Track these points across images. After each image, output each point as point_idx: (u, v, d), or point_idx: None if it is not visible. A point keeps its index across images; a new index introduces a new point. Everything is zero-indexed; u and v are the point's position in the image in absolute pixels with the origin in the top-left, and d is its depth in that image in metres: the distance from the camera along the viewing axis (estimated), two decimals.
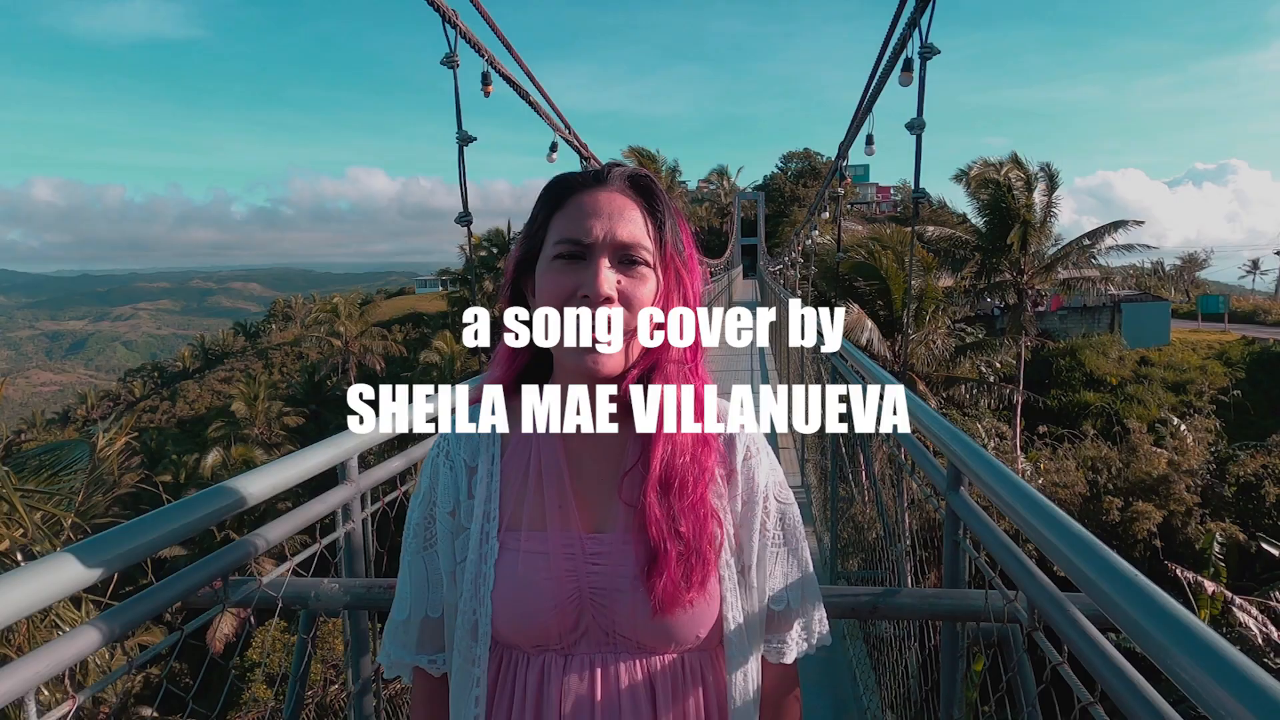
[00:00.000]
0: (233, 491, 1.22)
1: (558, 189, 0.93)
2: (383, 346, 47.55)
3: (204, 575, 1.22)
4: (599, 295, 0.86)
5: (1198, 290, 54.32)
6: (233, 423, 36.83)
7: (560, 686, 0.90)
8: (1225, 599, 12.43)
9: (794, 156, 66.71)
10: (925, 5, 3.35)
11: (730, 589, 0.93)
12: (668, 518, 0.88)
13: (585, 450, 0.96)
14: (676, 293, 0.93)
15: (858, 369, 3.27)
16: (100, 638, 1.02)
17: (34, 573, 0.92)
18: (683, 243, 0.95)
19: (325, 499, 1.62)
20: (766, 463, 0.99)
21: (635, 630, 0.90)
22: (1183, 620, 0.66)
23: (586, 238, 0.88)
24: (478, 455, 0.98)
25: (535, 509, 0.94)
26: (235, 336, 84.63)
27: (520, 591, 0.91)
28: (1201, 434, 18.65)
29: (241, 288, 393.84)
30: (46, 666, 0.96)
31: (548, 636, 0.91)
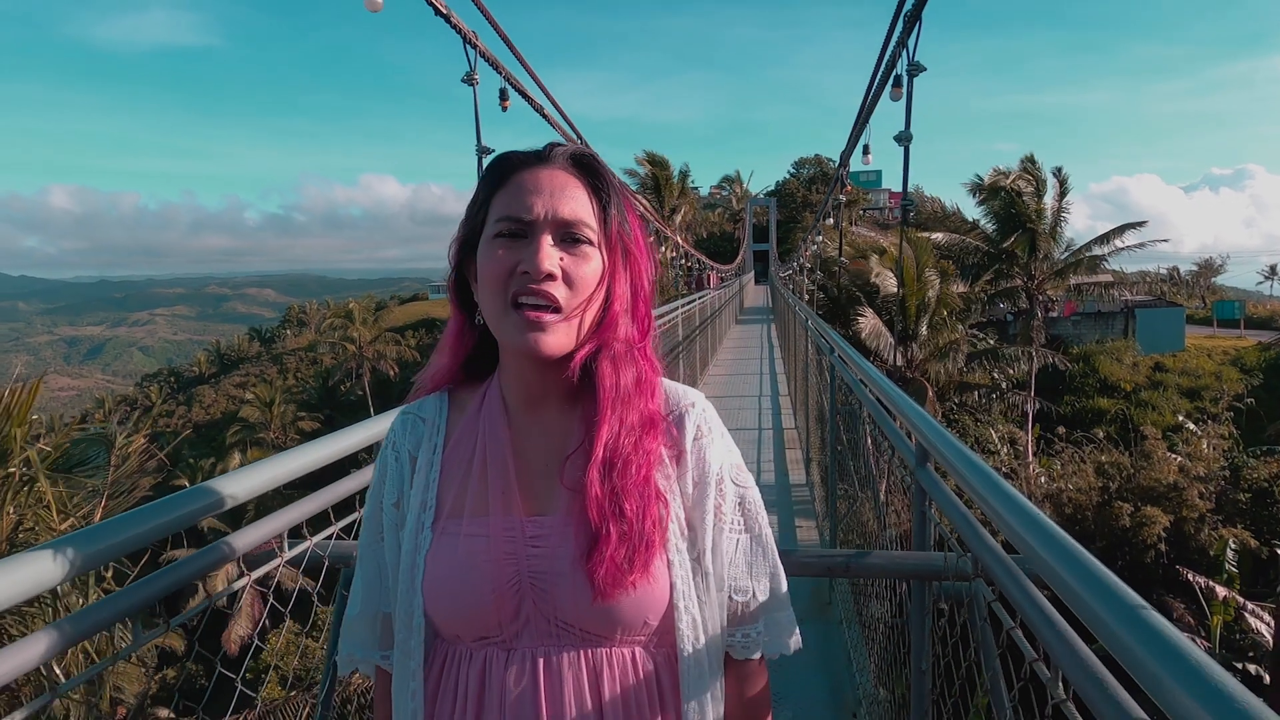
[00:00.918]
0: (281, 463, 1.37)
1: (499, 167, 0.91)
2: (396, 352, 47.83)
3: (266, 531, 1.38)
4: (540, 272, 0.84)
5: (1214, 296, 53.91)
6: (248, 427, 37.20)
7: (501, 682, 0.86)
8: (1238, 605, 12.40)
9: (806, 162, 66.71)
10: (912, 27, 3.52)
11: (681, 576, 0.88)
12: (610, 498, 0.85)
13: (530, 435, 0.93)
14: (623, 273, 0.91)
15: (850, 366, 3.53)
16: (176, 582, 1.17)
17: (126, 521, 1.06)
18: (629, 223, 0.93)
19: (366, 472, 1.74)
20: (720, 444, 0.94)
21: (579, 617, 0.86)
22: (1094, 570, 0.78)
23: (527, 215, 0.86)
24: (420, 446, 0.96)
25: (478, 495, 0.91)
26: (250, 342, 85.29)
27: (457, 577, 0.87)
28: (1215, 440, 18.55)
29: (256, 293, 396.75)
30: (132, 603, 1.10)
31: (488, 625, 0.87)
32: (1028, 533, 0.90)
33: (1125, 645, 0.67)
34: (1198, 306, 47.16)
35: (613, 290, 0.90)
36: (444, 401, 0.99)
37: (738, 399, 12.09)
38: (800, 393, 9.00)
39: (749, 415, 10.74)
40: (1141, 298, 33.34)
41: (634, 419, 0.88)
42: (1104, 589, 0.74)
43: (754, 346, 18.90)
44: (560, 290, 0.85)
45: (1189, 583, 12.73)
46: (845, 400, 4.00)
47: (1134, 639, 0.67)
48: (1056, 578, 0.84)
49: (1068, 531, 0.80)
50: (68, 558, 0.94)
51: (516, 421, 0.94)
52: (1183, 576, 12.99)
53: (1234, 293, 67.53)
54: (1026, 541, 0.90)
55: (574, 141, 4.67)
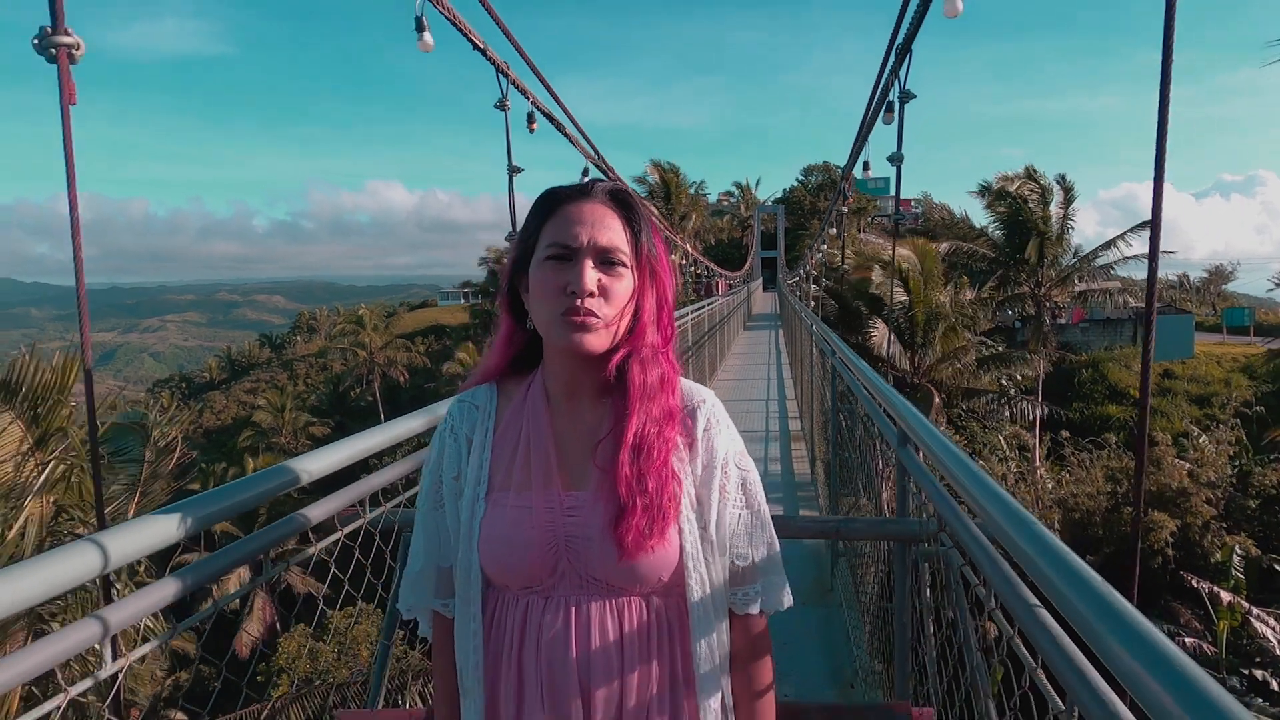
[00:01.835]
0: (353, 443, 1.59)
1: (548, 201, 1.09)
2: (406, 358, 48.13)
3: (349, 498, 1.63)
4: (584, 290, 1.01)
5: (1224, 303, 53.72)
6: (260, 433, 37.48)
7: (540, 624, 1.05)
8: (1244, 610, 12.44)
9: (814, 169, 66.77)
10: (903, 59, 3.76)
11: (691, 540, 1.06)
12: (636, 477, 1.02)
13: (567, 423, 1.11)
14: (650, 290, 1.09)
15: (849, 365, 3.82)
16: (247, 555, 1.34)
17: (220, 494, 1.23)
18: (656, 249, 1.11)
19: (416, 456, 2.02)
20: (726, 434, 1.13)
21: (605, 573, 1.04)
22: (1036, 530, 0.94)
23: (573, 242, 1.03)
24: (474, 428, 1.14)
25: (524, 472, 1.09)
26: (261, 348, 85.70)
27: (506, 539, 1.05)
28: (1223, 446, 18.56)
29: (266, 300, 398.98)
30: (212, 571, 1.26)
31: (530, 578, 1.06)
32: (985, 500, 1.08)
33: (1052, 584, 0.84)
34: (1207, 313, 47.05)
35: (641, 304, 1.08)
36: (494, 391, 1.17)
37: (746, 402, 12.24)
38: (806, 395, 9.17)
39: (757, 418, 10.90)
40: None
41: (657, 412, 1.06)
42: (1042, 544, 0.91)
43: (762, 352, 19.04)
44: (599, 304, 1.03)
45: (1193, 588, 12.78)
46: (845, 396, 4.30)
47: (1061, 581, 0.83)
48: (1006, 537, 1.01)
49: (1075, 538, 0.95)
50: (184, 520, 1.18)
51: (556, 411, 1.12)
52: (1187, 582, 13.04)
53: (1245, 299, 67.19)
54: (983, 507, 1.08)
55: (591, 156, 4.92)
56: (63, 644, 1.03)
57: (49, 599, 1.03)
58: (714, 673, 1.08)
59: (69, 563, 1.02)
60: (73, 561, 1.02)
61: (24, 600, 0.96)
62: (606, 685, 1.03)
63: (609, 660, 1.04)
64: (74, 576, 1.02)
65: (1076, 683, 0.91)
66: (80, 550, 1.04)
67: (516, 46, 3.87)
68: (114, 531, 1.10)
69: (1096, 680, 0.88)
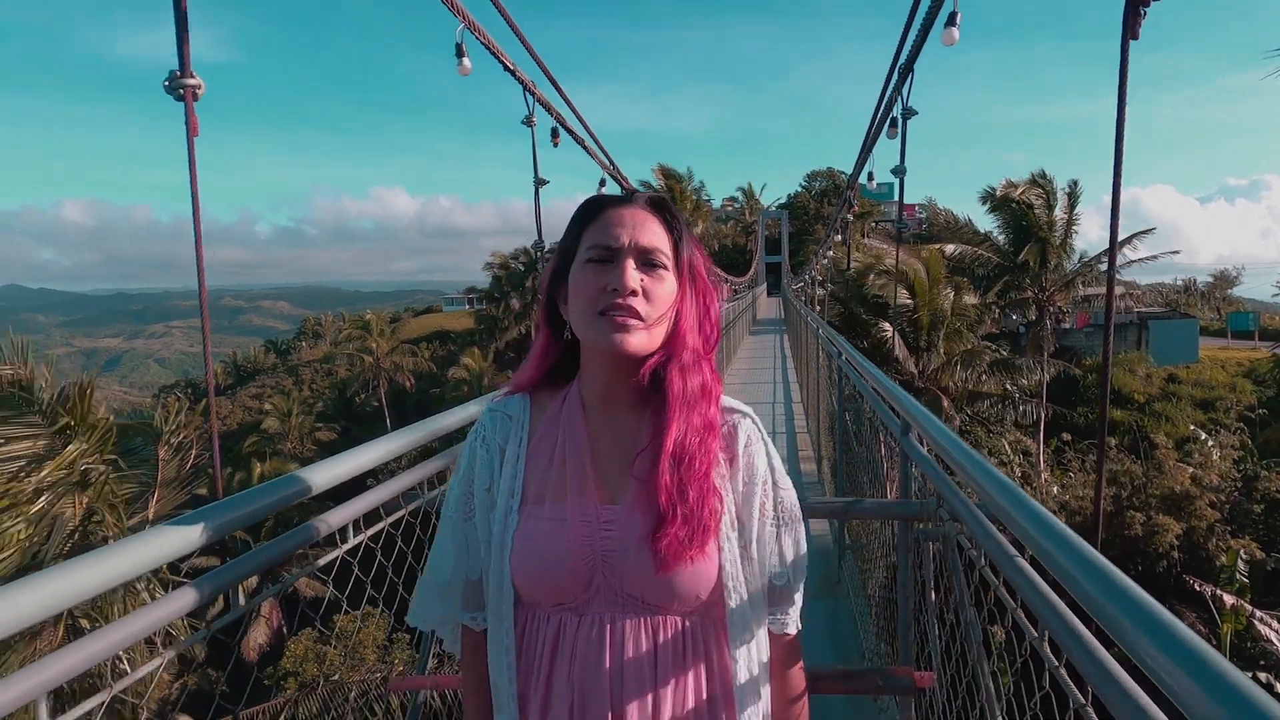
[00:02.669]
0: (397, 437, 1.69)
1: (590, 207, 1.09)
2: (412, 363, 48.25)
3: (415, 478, 1.78)
4: (625, 289, 1.00)
5: (1230, 308, 53.67)
6: (267, 438, 37.62)
7: (573, 641, 1.02)
8: (1248, 613, 12.48)
9: (817, 175, 66.80)
10: (905, 77, 3.94)
11: (731, 559, 1.03)
12: (676, 487, 0.99)
13: (604, 433, 1.08)
14: (691, 296, 1.07)
15: (855, 365, 4.00)
16: (284, 553, 1.42)
17: (282, 484, 1.33)
18: (696, 253, 1.10)
19: (455, 449, 2.12)
20: (765, 451, 1.11)
21: (641, 589, 1.01)
22: (1033, 509, 1.05)
23: (615, 243, 1.02)
24: (508, 439, 1.11)
25: (559, 484, 1.06)
26: (266, 354, 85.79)
27: (540, 553, 1.02)
28: (1228, 450, 18.60)
29: (271, 306, 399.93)
30: (247, 569, 1.34)
31: (564, 594, 1.02)
32: (979, 475, 1.20)
33: (1040, 546, 0.95)
34: (1212, 318, 47.02)
35: (681, 310, 1.06)
36: (527, 402, 1.15)
37: (752, 404, 12.28)
38: (812, 398, 9.28)
39: (764, 420, 10.95)
40: (1154, 309, 33.34)
41: (698, 421, 1.03)
42: (1038, 520, 1.03)
43: (767, 356, 19.11)
44: (641, 304, 1.01)
45: (1196, 591, 12.83)
46: (851, 395, 4.46)
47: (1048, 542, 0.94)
48: (1004, 513, 1.12)
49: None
50: (204, 528, 1.16)
51: (593, 421, 1.09)
52: (1190, 585, 13.09)
53: (1250, 304, 67.12)
54: (977, 481, 1.19)
55: (607, 166, 5.13)
56: (104, 642, 1.03)
57: (90, 597, 1.01)
58: (753, 694, 1.06)
59: (123, 558, 1.03)
60: (114, 561, 1.02)
61: (82, 594, 0.97)
62: (640, 707, 1.00)
63: (643, 681, 1.01)
64: (119, 575, 1.02)
65: (1069, 640, 1.01)
66: (120, 551, 1.04)
67: (542, 67, 4.06)
68: (156, 532, 1.10)
69: (1087, 637, 0.99)
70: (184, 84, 1.93)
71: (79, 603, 0.99)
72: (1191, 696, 0.64)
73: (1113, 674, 0.89)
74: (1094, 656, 0.95)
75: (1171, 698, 0.67)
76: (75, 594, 0.95)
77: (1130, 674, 0.86)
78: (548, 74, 4.15)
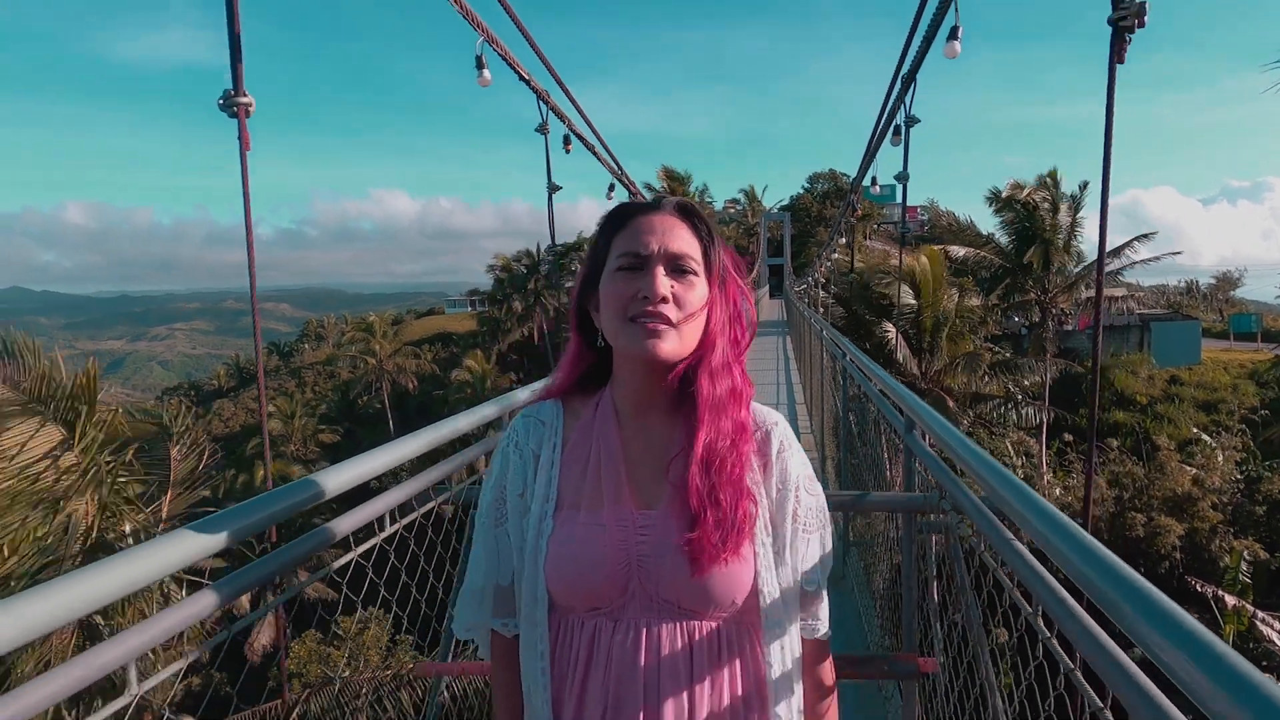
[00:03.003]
0: (431, 431, 1.79)
1: (619, 215, 1.09)
2: (415, 365, 48.34)
3: (443, 471, 1.88)
4: (656, 295, 1.01)
5: (1232, 309, 53.59)
6: (270, 440, 37.71)
7: (608, 647, 1.02)
8: (1250, 614, 12.50)
9: (820, 177, 66.85)
10: (908, 87, 4.05)
11: (765, 565, 1.04)
12: (708, 490, 1.00)
13: (638, 439, 1.09)
14: (721, 301, 1.07)
15: (860, 366, 4.10)
16: (384, 506, 1.53)
17: (300, 485, 1.38)
18: (726, 257, 1.10)
19: (495, 438, 2.28)
20: (797, 457, 1.12)
21: (677, 594, 1.01)
22: (1033, 499, 1.12)
23: (644, 250, 1.03)
24: (543, 444, 1.12)
25: (594, 490, 1.06)
26: (269, 356, 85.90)
27: (575, 560, 1.03)
28: (1230, 452, 18.63)
29: (273, 308, 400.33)
30: (284, 563, 1.38)
31: (599, 600, 1.02)
32: (978, 466, 1.26)
33: (1037, 531, 1.02)
34: (1215, 319, 46.99)
35: (711, 314, 1.07)
36: (560, 408, 1.16)
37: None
38: (816, 398, 9.35)
39: None
40: (1157, 311, 33.34)
41: (728, 425, 1.04)
42: (1038, 509, 1.09)
43: (770, 358, 19.15)
44: (672, 310, 1.02)
45: (1198, 592, 12.86)
46: (856, 395, 4.59)
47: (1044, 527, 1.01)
48: (1006, 504, 1.18)
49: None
50: (220, 533, 1.15)
51: (626, 427, 1.10)
52: (1192, 586, 13.11)
53: (1253, 306, 67.00)
54: (978, 473, 1.25)
55: (615, 171, 5.25)
56: (143, 637, 1.05)
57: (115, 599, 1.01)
58: (786, 694, 1.06)
59: (155, 557, 1.04)
60: (140, 563, 1.03)
61: (106, 597, 0.98)
62: (675, 710, 1.00)
63: (678, 684, 1.01)
64: (144, 576, 1.03)
65: (1065, 618, 1.06)
66: (148, 552, 1.05)
67: (556, 78, 4.18)
68: (176, 536, 1.11)
69: (1084, 618, 1.05)
70: (237, 102, 2.15)
71: (111, 602, 1.01)
72: (1181, 667, 0.70)
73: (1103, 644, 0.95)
74: (1084, 627, 1.01)
75: (1166, 672, 0.72)
76: (106, 595, 0.97)
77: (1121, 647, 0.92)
78: (561, 84, 4.26)
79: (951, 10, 3.81)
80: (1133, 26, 2.41)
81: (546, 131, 4.23)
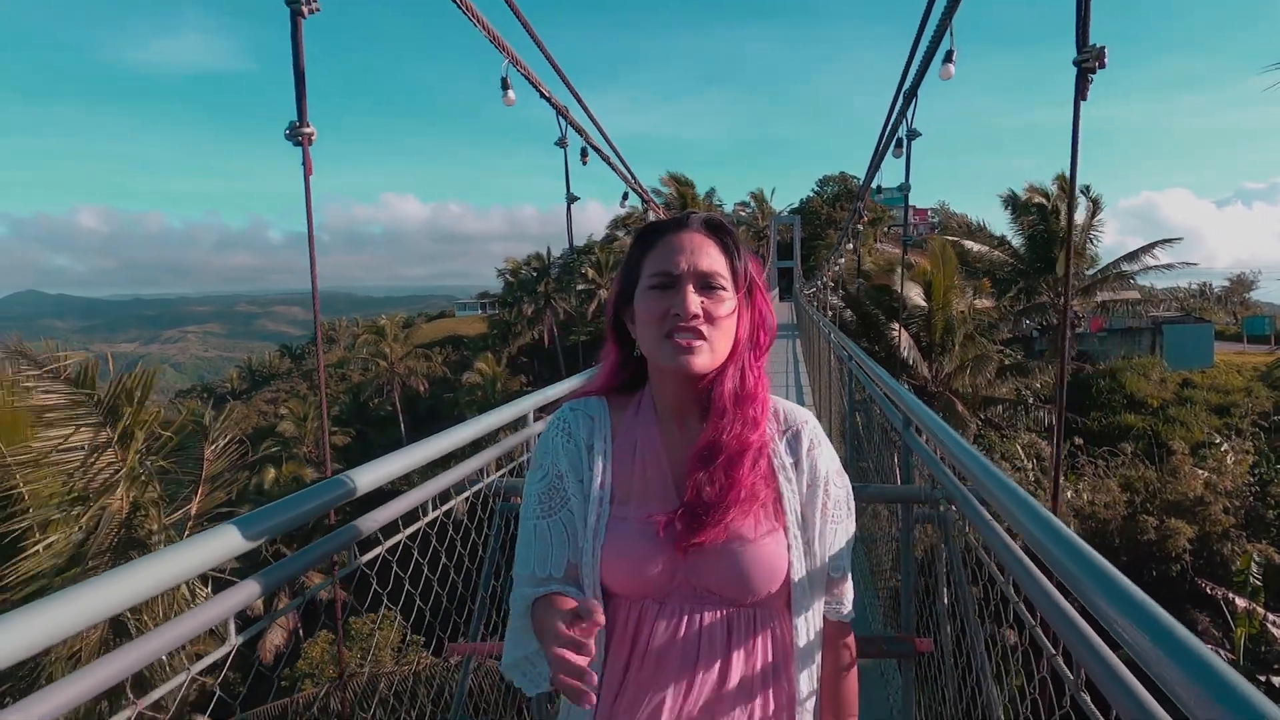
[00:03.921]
0: (459, 429, 1.89)
1: (648, 234, 1.16)
2: (426, 368, 48.57)
3: (486, 459, 2.04)
4: (688, 314, 1.07)
5: (1247, 312, 53.23)
6: (282, 442, 37.96)
7: (652, 629, 1.09)
8: (1262, 618, 12.47)
9: (830, 180, 66.82)
10: (910, 101, 4.22)
11: (797, 555, 1.11)
12: (701, 482, 1.08)
13: (677, 438, 1.17)
14: (747, 310, 1.14)
15: (864, 367, 4.30)
16: (430, 491, 1.63)
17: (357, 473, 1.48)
18: (753, 268, 1.16)
19: (520, 434, 2.46)
20: (827, 453, 1.18)
21: (718, 584, 1.09)
22: (1017, 493, 1.21)
23: (675, 270, 1.09)
24: (594, 436, 1.18)
25: (642, 486, 1.14)
26: (281, 359, 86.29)
27: (626, 551, 1.10)
28: (1242, 455, 18.55)
29: (284, 311, 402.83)
30: (325, 552, 1.46)
31: (647, 588, 1.10)
32: (968, 462, 1.37)
33: (1020, 522, 1.11)
34: (1228, 322, 46.70)
35: (739, 323, 1.14)
36: (605, 404, 1.23)
37: None
38: (824, 400, 9.44)
39: None
40: (1169, 314, 33.20)
41: (738, 419, 1.11)
42: (1019, 501, 1.18)
43: (779, 361, 19.20)
44: (703, 326, 1.09)
45: (1209, 594, 12.84)
46: (861, 396, 4.78)
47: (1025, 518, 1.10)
48: (993, 496, 1.27)
49: (1092, 546, 1.17)
50: (256, 529, 1.20)
51: (665, 428, 1.18)
52: (1202, 588, 13.09)
53: (1269, 308, 66.48)
54: (967, 468, 1.35)
55: (629, 180, 5.41)
56: (185, 627, 1.10)
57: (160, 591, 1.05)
58: (809, 671, 1.14)
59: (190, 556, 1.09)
60: (186, 557, 1.08)
61: (148, 591, 1.03)
62: (711, 685, 1.07)
63: (713, 662, 1.08)
64: (178, 574, 1.07)
65: (1045, 603, 1.14)
66: (185, 550, 1.10)
67: (574, 93, 4.35)
68: (218, 531, 1.16)
69: (1074, 614, 1.12)
70: (302, 132, 2.43)
71: (151, 596, 1.04)
72: (1134, 639, 0.77)
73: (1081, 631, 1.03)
74: (1067, 618, 1.08)
75: (1121, 642, 0.80)
76: (145, 590, 1.01)
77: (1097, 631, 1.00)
78: (579, 99, 4.44)
79: (947, 36, 4.07)
80: (1094, 68, 2.60)
81: (565, 145, 4.39)
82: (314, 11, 2.32)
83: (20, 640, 0.83)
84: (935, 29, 4.06)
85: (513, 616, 1.17)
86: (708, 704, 1.06)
